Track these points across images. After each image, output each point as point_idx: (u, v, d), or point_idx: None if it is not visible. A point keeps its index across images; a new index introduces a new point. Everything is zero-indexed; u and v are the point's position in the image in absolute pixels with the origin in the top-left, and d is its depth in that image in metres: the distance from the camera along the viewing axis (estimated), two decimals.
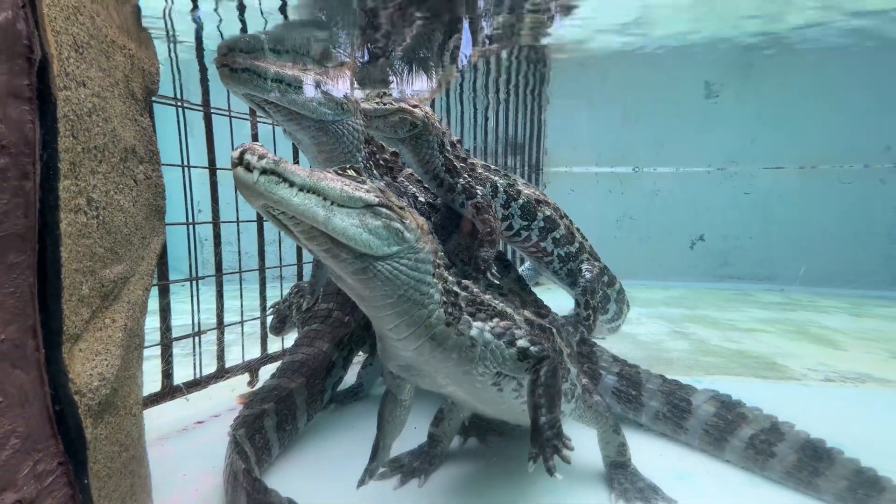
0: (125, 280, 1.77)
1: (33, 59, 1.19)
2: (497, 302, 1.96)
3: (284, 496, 1.86)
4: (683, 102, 9.37)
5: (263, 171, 1.32)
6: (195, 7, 2.45)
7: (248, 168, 1.30)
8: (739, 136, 9.28)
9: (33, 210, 1.24)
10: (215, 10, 2.39)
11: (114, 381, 1.59)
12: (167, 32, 2.76)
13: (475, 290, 1.91)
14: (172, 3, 2.29)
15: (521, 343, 1.83)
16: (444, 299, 1.74)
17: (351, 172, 1.62)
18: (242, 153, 1.31)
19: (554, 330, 2.24)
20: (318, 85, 2.27)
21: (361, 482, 2.05)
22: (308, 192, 1.40)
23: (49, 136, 1.29)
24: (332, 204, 1.45)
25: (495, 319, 1.86)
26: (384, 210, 1.57)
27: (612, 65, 8.57)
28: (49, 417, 1.32)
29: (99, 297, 1.59)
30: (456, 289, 1.81)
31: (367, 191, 1.57)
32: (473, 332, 1.79)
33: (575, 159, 9.91)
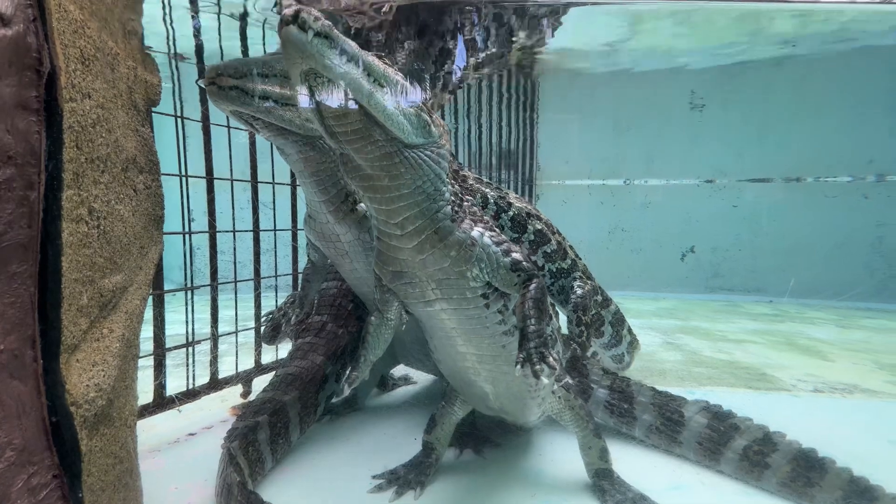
0: (123, 290, 1.77)
1: (42, 72, 1.21)
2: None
3: None
4: (672, 117, 9.59)
5: (318, 34, 1.29)
6: (195, 16, 2.47)
7: (303, 27, 1.27)
8: (727, 150, 9.51)
9: (37, 220, 1.25)
10: (219, 40, 2.41)
11: (110, 392, 1.57)
12: (167, 44, 2.78)
13: (476, 208, 2.01)
14: (171, 17, 2.31)
15: (516, 255, 1.89)
16: (453, 199, 1.83)
17: (386, 61, 1.62)
18: (298, 11, 1.27)
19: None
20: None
21: (340, 392, 2.01)
22: (356, 63, 1.40)
23: (54, 146, 1.30)
24: (374, 81, 1.47)
25: (494, 232, 1.93)
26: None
27: (602, 80, 8.77)
28: (45, 429, 1.30)
29: (97, 306, 1.58)
30: (461, 196, 1.90)
31: (403, 77, 1.59)
32: (474, 233, 1.86)
33: (567, 172, 10.06)
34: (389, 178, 1.64)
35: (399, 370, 3.99)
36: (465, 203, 1.92)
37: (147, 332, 2.48)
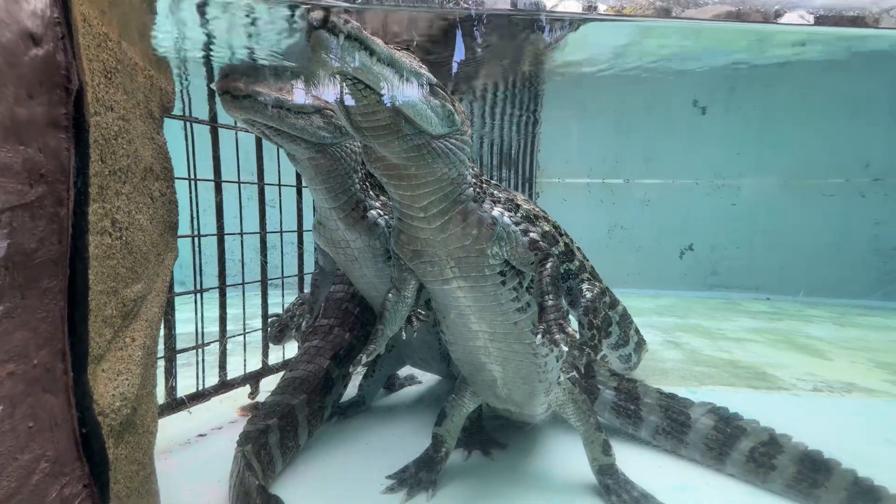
0: (143, 298, 1.78)
1: (71, 89, 1.22)
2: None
3: None
4: (673, 116, 9.60)
5: (348, 36, 1.30)
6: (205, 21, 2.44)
7: (333, 31, 1.28)
8: (726, 150, 9.55)
9: (66, 236, 1.26)
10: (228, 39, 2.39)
11: (134, 400, 1.60)
12: (176, 46, 2.76)
13: (493, 189, 2.10)
14: (184, 37, 2.28)
15: (533, 235, 1.98)
16: (475, 181, 1.90)
17: (405, 52, 1.64)
18: (327, 15, 1.27)
19: None
20: (317, 110, 2.30)
21: (359, 362, 2.05)
22: (385, 62, 1.42)
23: (81, 162, 1.31)
24: (403, 78, 1.50)
25: (512, 212, 2.02)
26: (440, 91, 1.65)
27: (604, 80, 8.73)
28: (76, 440, 1.32)
29: (120, 316, 1.60)
30: (480, 177, 1.98)
31: (427, 70, 1.62)
32: (495, 213, 1.94)
33: (567, 170, 10.07)
34: (416, 167, 1.69)
35: (404, 371, 4.02)
36: (485, 185, 1.99)
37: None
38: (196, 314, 3.23)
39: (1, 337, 1.09)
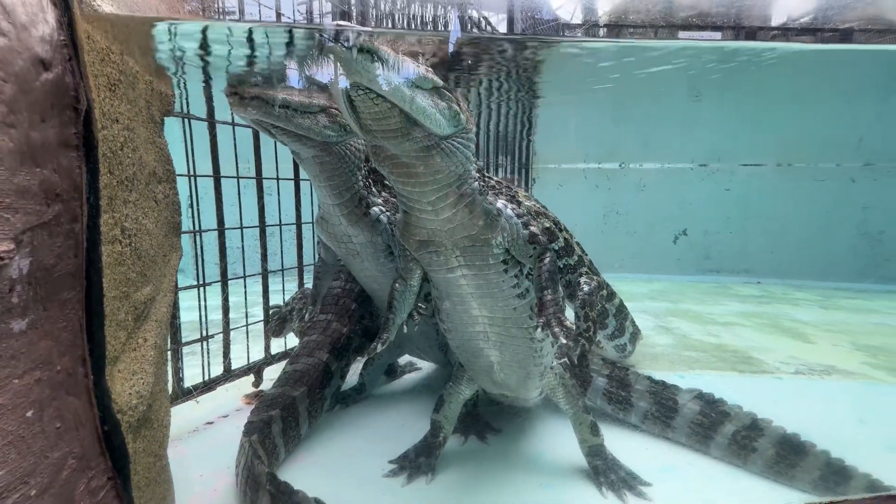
0: (152, 300, 1.86)
1: (80, 109, 1.26)
2: None
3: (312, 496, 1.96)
4: (668, 102, 9.56)
5: (361, 49, 1.39)
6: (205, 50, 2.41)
7: (346, 44, 1.38)
8: (721, 135, 9.56)
9: (81, 249, 1.33)
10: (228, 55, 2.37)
11: (149, 397, 1.69)
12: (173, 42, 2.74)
13: (495, 182, 2.21)
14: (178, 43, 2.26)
15: (533, 229, 2.09)
16: (479, 175, 1.99)
17: (413, 59, 1.68)
18: (340, 29, 1.40)
19: None
20: (322, 109, 2.33)
21: (373, 350, 2.18)
22: (397, 72, 1.49)
23: (92, 176, 1.37)
24: (414, 85, 1.57)
25: (514, 204, 2.12)
26: (446, 93, 1.72)
27: (600, 66, 8.66)
28: (98, 438, 1.42)
29: (133, 319, 1.68)
30: (483, 171, 2.08)
31: (433, 73, 1.69)
32: (499, 204, 2.04)
33: (563, 156, 10.07)
34: (425, 166, 1.76)
35: (403, 358, 4.14)
36: (487, 178, 2.08)
37: None
38: (199, 308, 3.31)
39: (27, 347, 1.17)
